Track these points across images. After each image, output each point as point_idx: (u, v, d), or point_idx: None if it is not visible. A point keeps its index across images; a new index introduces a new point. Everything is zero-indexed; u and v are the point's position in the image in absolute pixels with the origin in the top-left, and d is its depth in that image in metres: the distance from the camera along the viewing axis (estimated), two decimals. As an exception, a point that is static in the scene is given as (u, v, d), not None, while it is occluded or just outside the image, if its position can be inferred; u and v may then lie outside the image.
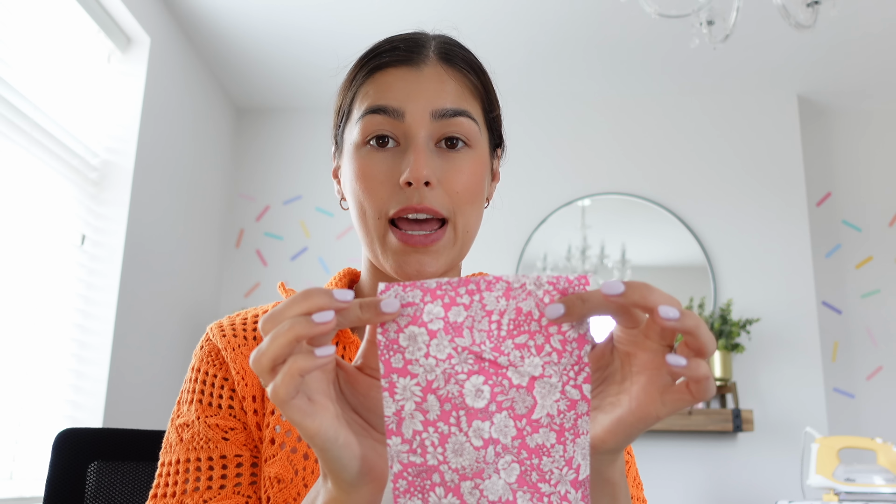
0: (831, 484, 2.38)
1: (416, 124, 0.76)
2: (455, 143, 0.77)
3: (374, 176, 0.76)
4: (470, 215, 0.79)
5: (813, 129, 3.46)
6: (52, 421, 2.23)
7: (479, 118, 0.81)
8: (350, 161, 0.80)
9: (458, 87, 0.80)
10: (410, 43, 0.81)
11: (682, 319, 0.47)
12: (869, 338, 3.23)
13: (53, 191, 2.26)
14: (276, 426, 0.77)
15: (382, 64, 0.80)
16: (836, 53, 3.05)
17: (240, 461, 0.77)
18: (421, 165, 0.74)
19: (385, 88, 0.78)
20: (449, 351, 0.48)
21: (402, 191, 0.75)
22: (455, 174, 0.77)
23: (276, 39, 2.99)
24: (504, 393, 0.48)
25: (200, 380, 0.82)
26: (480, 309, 0.48)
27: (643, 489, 0.86)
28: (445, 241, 0.77)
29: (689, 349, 0.49)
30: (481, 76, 0.84)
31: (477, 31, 2.90)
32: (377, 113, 0.77)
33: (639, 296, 0.48)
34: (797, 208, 3.23)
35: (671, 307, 0.47)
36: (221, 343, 0.82)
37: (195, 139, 3.09)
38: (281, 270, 3.37)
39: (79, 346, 2.38)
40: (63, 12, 2.30)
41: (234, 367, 0.80)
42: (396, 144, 0.77)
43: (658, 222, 3.27)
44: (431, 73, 0.79)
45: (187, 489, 0.76)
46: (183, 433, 0.79)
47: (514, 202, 3.30)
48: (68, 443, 1.00)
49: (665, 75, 3.24)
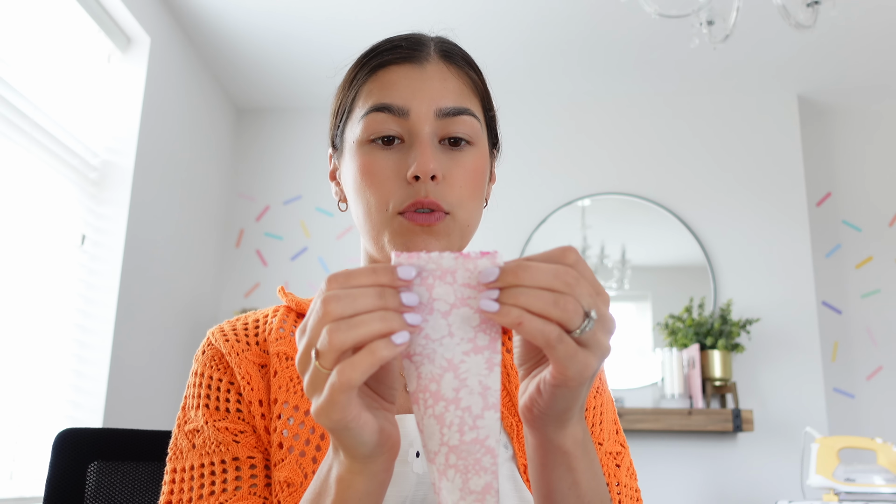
0: (831, 484, 2.38)
1: (420, 122, 0.77)
2: (458, 142, 0.78)
3: (380, 171, 0.77)
4: (472, 211, 0.80)
5: (813, 129, 3.46)
6: (52, 421, 2.23)
7: (480, 116, 0.81)
8: (353, 158, 0.80)
9: (460, 84, 0.80)
10: (412, 41, 0.82)
11: (503, 308, 0.50)
12: (869, 338, 3.23)
13: (53, 191, 2.26)
14: (284, 430, 0.75)
15: (385, 62, 0.80)
16: (837, 53, 3.04)
17: (253, 463, 0.76)
18: (428, 159, 0.74)
19: (389, 86, 0.78)
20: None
21: (408, 186, 0.76)
22: (459, 171, 0.78)
23: (276, 39, 2.99)
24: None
25: (205, 384, 0.80)
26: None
27: (637, 480, 0.87)
28: (445, 226, 0.77)
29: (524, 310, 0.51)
30: (480, 75, 0.85)
31: (478, 31, 2.90)
32: (381, 111, 0.77)
33: (512, 277, 0.50)
34: (797, 208, 3.23)
35: (488, 301, 0.50)
36: (225, 347, 0.81)
37: (195, 139, 3.09)
38: (281, 270, 3.37)
39: (79, 346, 2.38)
40: (63, 12, 2.30)
41: (239, 371, 0.79)
42: (401, 142, 0.78)
43: (658, 222, 3.27)
44: (434, 70, 0.79)
45: (203, 493, 0.74)
46: (195, 439, 0.78)
47: (514, 202, 3.30)
48: (68, 443, 1.00)
49: (665, 75, 3.24)
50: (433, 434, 0.53)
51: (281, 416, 0.76)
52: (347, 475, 0.55)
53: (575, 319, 0.50)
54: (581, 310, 0.51)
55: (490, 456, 0.52)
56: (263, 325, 0.83)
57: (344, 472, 0.55)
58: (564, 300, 0.50)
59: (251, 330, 0.83)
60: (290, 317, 0.84)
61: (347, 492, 0.55)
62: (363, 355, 0.48)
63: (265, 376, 0.79)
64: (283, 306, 0.86)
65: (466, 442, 0.52)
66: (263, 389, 0.78)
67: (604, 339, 0.53)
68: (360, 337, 0.48)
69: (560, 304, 0.50)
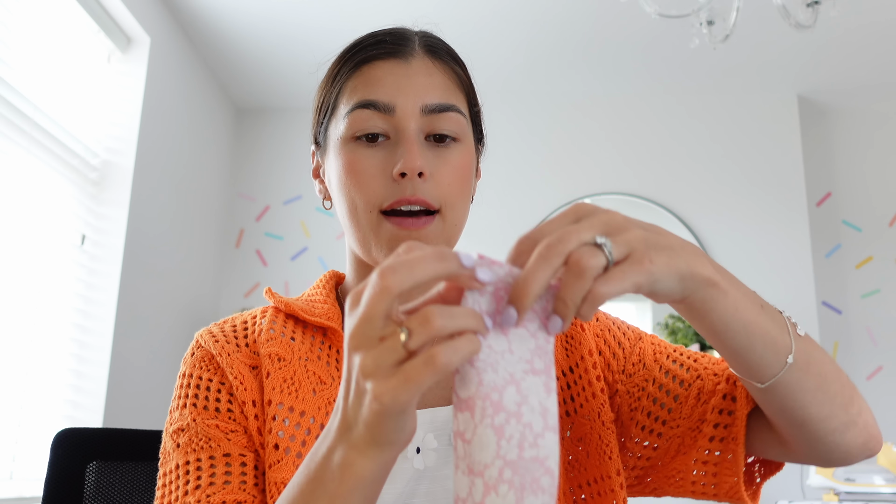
0: (831, 484, 2.38)
1: (406, 118, 0.76)
2: (444, 139, 0.77)
3: (365, 170, 0.76)
4: (459, 209, 0.79)
5: (813, 129, 3.45)
6: (52, 421, 2.23)
7: (466, 112, 0.81)
8: (337, 156, 0.78)
9: (446, 80, 0.79)
10: (396, 36, 0.81)
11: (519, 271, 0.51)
12: (869, 338, 3.23)
13: (53, 191, 2.26)
14: (279, 431, 0.73)
15: (369, 57, 0.79)
16: (837, 54, 3.04)
17: (244, 461, 0.74)
18: (415, 156, 0.73)
19: (374, 82, 0.77)
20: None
21: (394, 183, 0.75)
22: (445, 168, 0.77)
23: (276, 39, 2.99)
24: None
25: (194, 385, 0.78)
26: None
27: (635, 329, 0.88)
28: (434, 228, 0.76)
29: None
30: (465, 70, 0.84)
31: (478, 31, 2.90)
32: (366, 107, 0.76)
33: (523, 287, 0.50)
34: (797, 208, 3.23)
35: (484, 269, 0.50)
36: (215, 349, 0.79)
37: (195, 139, 3.09)
38: (281, 270, 3.37)
39: (79, 346, 2.38)
40: (63, 12, 2.30)
41: (231, 371, 0.77)
42: (386, 139, 0.77)
43: (658, 222, 3.27)
44: (420, 65, 0.78)
45: (189, 489, 0.72)
46: (179, 438, 0.76)
47: (513, 202, 3.30)
48: (67, 443, 1.00)
49: (665, 75, 3.24)
50: (487, 445, 0.50)
51: (276, 418, 0.74)
52: (359, 460, 0.53)
53: (584, 261, 0.50)
54: (587, 248, 0.50)
55: (550, 478, 0.50)
56: (252, 327, 0.82)
57: (355, 457, 0.53)
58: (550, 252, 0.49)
59: (240, 331, 0.81)
60: (279, 318, 0.82)
61: (354, 478, 0.53)
62: (464, 343, 0.47)
63: (257, 377, 0.77)
64: (271, 307, 0.84)
65: (525, 459, 0.49)
66: (256, 390, 0.76)
67: (638, 246, 0.52)
68: (457, 327, 0.48)
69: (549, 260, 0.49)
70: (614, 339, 0.84)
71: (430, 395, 0.80)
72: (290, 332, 0.80)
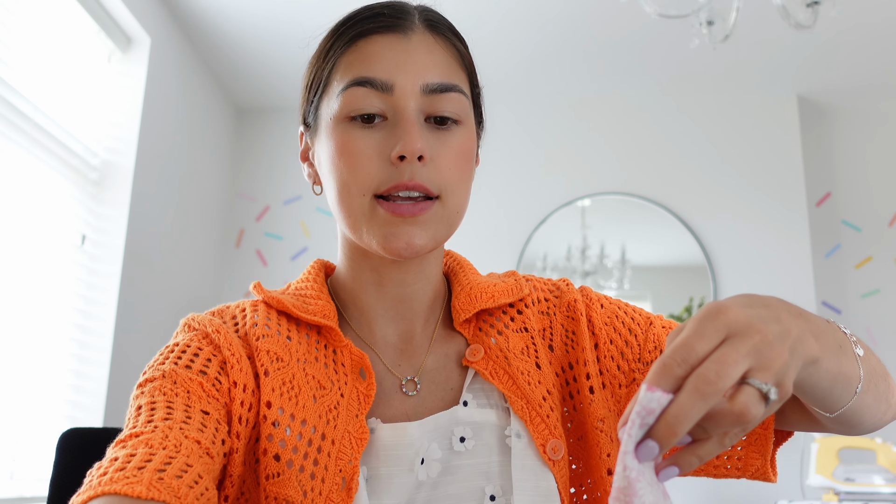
0: (831, 484, 2.38)
1: (405, 98, 0.71)
2: (445, 121, 0.73)
3: (361, 151, 0.70)
4: (461, 195, 0.74)
5: (813, 129, 3.46)
6: (53, 421, 2.23)
7: (468, 93, 0.76)
8: (329, 137, 0.73)
9: (447, 57, 0.75)
10: (395, 9, 0.75)
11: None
12: (869, 338, 3.23)
13: (53, 191, 2.25)
14: (280, 441, 0.67)
15: (366, 31, 0.73)
16: (836, 53, 3.05)
17: (218, 427, 0.65)
18: (415, 138, 0.69)
19: (371, 58, 0.72)
20: None
21: (391, 167, 0.70)
22: (446, 152, 0.72)
23: (276, 39, 2.99)
24: None
25: (180, 350, 0.71)
26: None
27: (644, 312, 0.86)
28: (434, 213, 0.72)
29: None
30: (466, 47, 0.79)
31: (478, 31, 2.90)
32: (363, 85, 0.71)
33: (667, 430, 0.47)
34: (797, 208, 3.23)
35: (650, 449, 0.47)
36: (210, 327, 0.73)
37: (195, 139, 3.08)
38: (281, 270, 3.36)
39: (79, 346, 2.38)
40: (63, 12, 2.30)
41: (229, 349, 0.71)
42: (383, 119, 0.71)
43: (658, 222, 3.27)
44: (420, 41, 0.73)
45: (138, 424, 0.62)
46: (145, 387, 0.67)
47: (514, 202, 3.30)
48: (72, 442, 1.00)
49: (665, 75, 3.25)
50: None
51: (277, 424, 0.68)
52: None
53: (753, 411, 0.47)
54: (753, 394, 0.47)
55: None
56: (242, 320, 0.75)
57: None
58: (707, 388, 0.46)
59: (229, 322, 0.76)
60: (271, 314, 0.76)
61: None
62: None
63: (252, 366, 0.71)
64: (261, 302, 0.77)
65: None
66: (251, 377, 0.70)
67: (786, 381, 0.49)
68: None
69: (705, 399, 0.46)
70: (624, 326, 0.81)
71: (430, 401, 0.76)
72: (286, 330, 0.74)
